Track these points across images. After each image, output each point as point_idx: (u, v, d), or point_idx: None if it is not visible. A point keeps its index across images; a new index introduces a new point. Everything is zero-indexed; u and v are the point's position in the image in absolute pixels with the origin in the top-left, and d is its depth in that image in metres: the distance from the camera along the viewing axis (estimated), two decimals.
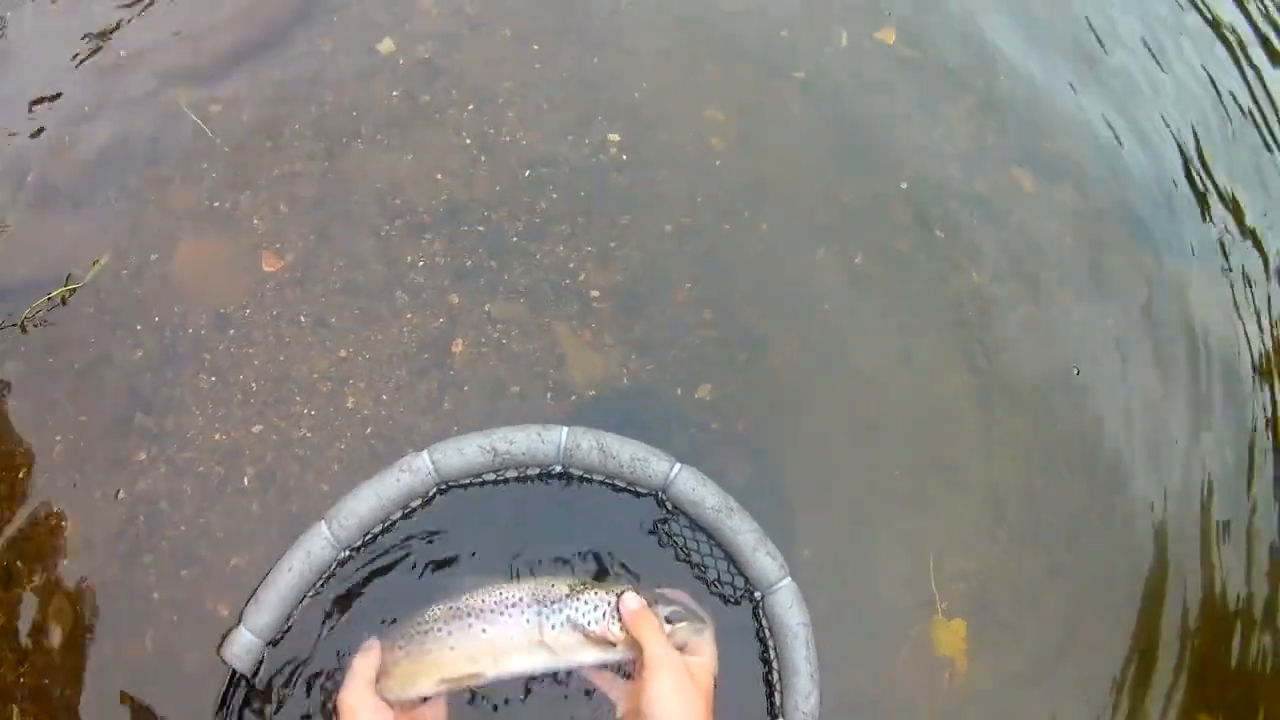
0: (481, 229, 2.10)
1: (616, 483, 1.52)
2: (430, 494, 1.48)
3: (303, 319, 1.99)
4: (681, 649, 1.24)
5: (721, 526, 1.44)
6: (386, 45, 2.25)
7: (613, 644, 1.23)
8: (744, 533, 1.42)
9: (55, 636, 1.69)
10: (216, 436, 1.87)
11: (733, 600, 1.49)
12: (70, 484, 1.82)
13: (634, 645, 1.22)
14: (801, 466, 1.99)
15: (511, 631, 1.24)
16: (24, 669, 1.67)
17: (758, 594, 1.45)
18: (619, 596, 1.26)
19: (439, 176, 2.15)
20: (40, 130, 2.21)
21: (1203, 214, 2.68)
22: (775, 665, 1.38)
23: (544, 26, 2.37)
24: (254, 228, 2.08)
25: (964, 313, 2.25)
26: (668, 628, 1.23)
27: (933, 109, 2.62)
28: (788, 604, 1.38)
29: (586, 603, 1.26)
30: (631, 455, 1.46)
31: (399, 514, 1.46)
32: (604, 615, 1.24)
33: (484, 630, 1.24)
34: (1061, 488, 2.09)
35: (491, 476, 1.50)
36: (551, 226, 2.11)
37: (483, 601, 1.27)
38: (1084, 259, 2.45)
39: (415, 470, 1.44)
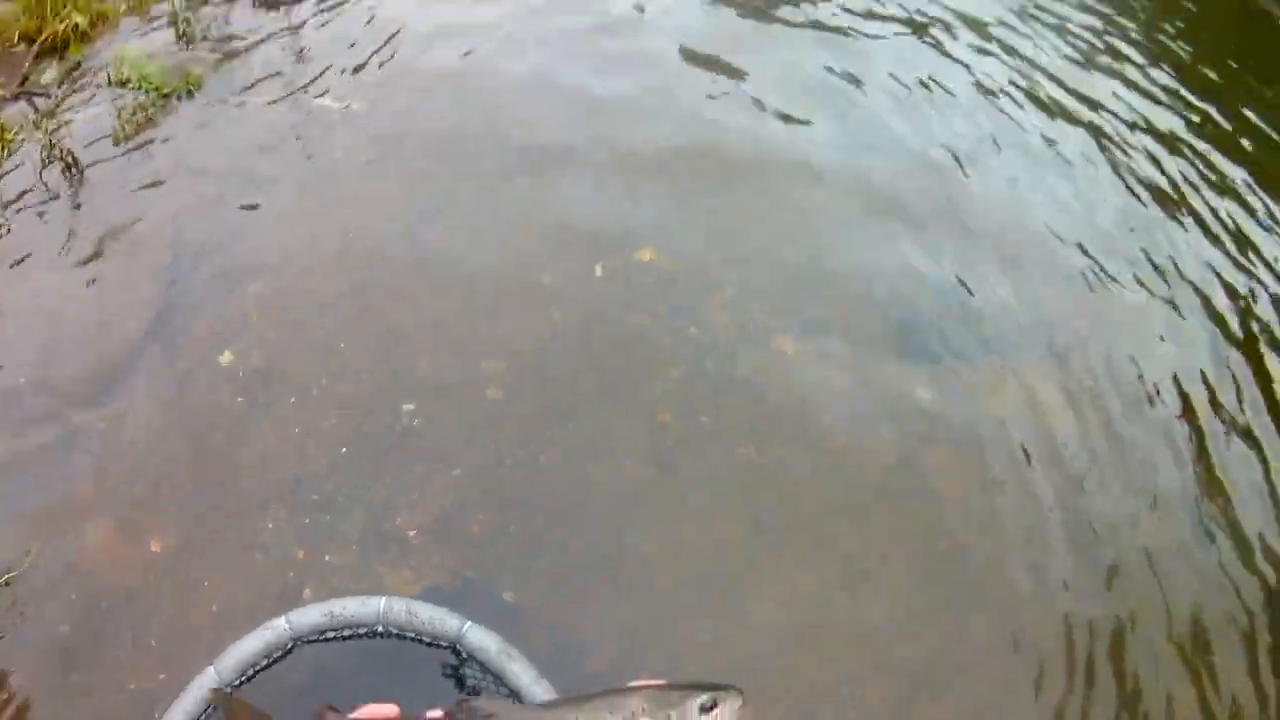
0: (315, 498, 2.73)
1: (423, 638, 2.01)
2: (289, 646, 2.02)
3: (184, 586, 2.61)
4: None
5: (504, 668, 1.95)
6: (226, 356, 2.89)
7: None
8: (522, 673, 1.93)
9: None
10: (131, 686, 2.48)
11: None
12: None
13: None
14: (602, 646, 2.47)
15: None
16: None
17: None
18: None
19: (277, 460, 2.78)
20: None
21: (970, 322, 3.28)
22: None
23: (345, 324, 3.02)
24: (138, 518, 2.70)
25: (743, 481, 2.76)
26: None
27: (691, 309, 3.24)
28: None
29: None
30: (430, 616, 2.01)
31: (264, 662, 2.00)
32: None
33: None
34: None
35: (332, 634, 2.04)
36: (369, 485, 2.75)
37: None
38: (855, 394, 2.98)
39: (276, 629, 2.01)
